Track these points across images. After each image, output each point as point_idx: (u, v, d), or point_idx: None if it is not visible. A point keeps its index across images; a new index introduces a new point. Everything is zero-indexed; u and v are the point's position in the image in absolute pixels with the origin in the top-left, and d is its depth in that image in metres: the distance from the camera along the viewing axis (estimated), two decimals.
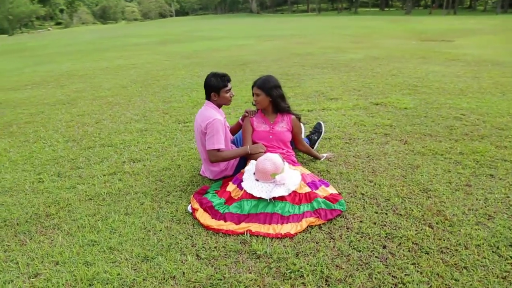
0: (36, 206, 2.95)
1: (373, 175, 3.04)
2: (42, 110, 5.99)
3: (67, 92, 7.36)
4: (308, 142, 3.55)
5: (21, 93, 7.55)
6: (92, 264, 2.21)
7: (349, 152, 3.53)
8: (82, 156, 3.92)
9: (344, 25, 24.12)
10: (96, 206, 2.88)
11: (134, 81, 8.07)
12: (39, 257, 2.32)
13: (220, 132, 2.86)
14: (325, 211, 2.45)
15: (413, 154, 3.41)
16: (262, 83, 2.95)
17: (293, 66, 8.71)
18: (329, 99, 5.51)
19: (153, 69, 9.74)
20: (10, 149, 4.25)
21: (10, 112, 6.01)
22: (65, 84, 8.33)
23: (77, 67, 10.93)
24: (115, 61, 11.92)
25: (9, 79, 9.47)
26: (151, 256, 2.23)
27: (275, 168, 2.56)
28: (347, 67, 8.18)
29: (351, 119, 4.50)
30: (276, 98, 2.96)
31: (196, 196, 2.79)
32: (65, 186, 3.25)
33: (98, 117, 5.37)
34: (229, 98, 2.99)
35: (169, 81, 7.81)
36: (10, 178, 3.48)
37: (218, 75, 2.92)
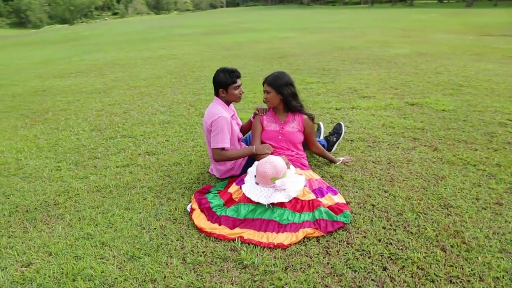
0: (47, 194, 3.02)
1: (390, 184, 2.77)
2: (78, 98, 6.23)
3: (105, 81, 7.61)
4: (325, 143, 3.33)
5: (65, 81, 7.94)
6: (81, 258, 2.20)
7: (369, 157, 3.26)
8: (102, 146, 3.99)
9: (396, 18, 22.88)
10: (101, 198, 2.89)
11: (170, 72, 8.17)
12: (36, 246, 2.36)
13: (225, 130, 2.74)
14: (325, 223, 2.26)
15: (440, 163, 3.07)
16: (273, 80, 2.78)
17: (332, 60, 8.36)
18: (362, 97, 5.18)
19: (192, 60, 9.81)
20: (40, 136, 4.44)
21: (50, 99, 6.32)
22: (106, 73, 8.64)
23: (121, 56, 11.32)
24: (158, 51, 12.19)
25: (57, 67, 10.02)
26: (138, 255, 2.18)
27: (276, 172, 2.39)
28: (389, 62, 7.69)
29: (380, 120, 4.18)
30: (287, 96, 2.78)
31: (197, 195, 2.71)
32: (79, 176, 3.31)
33: (127, 107, 5.47)
34: (238, 95, 2.85)
35: (204, 73, 7.81)
36: (33, 165, 3.62)
37: (227, 71, 2.79)
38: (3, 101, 6.40)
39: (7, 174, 3.47)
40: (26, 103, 6.16)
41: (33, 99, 6.38)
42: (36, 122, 5.01)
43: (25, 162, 3.70)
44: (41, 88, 7.26)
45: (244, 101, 5.27)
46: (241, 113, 4.60)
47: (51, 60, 11.64)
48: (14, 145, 4.18)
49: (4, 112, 5.65)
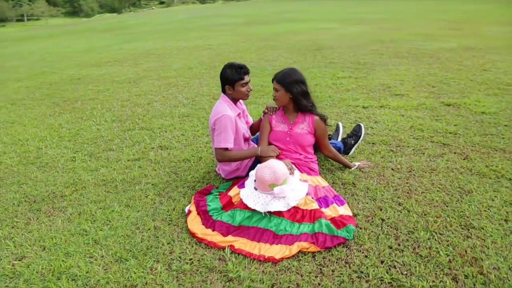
0: (57, 185, 3.06)
1: (407, 196, 2.50)
2: (109, 88, 6.36)
3: (138, 71, 7.72)
4: (341, 146, 3.09)
5: (100, 69, 8.15)
6: (71, 255, 2.18)
7: (389, 163, 2.98)
8: (119, 138, 4.00)
9: (446, 9, 21.34)
10: (105, 193, 2.88)
11: (202, 63, 8.13)
12: (33, 239, 2.37)
13: (228, 129, 2.60)
14: (324, 237, 2.06)
15: (469, 174, 2.73)
16: (282, 77, 2.59)
17: (369, 54, 7.91)
18: (393, 94, 4.81)
19: (226, 50, 9.72)
20: (65, 125, 4.55)
21: (82, 88, 6.50)
22: (140, 62, 8.77)
23: (158, 46, 11.48)
24: (194, 41, 12.23)
25: (96, 55, 10.34)
26: (126, 257, 2.12)
27: (275, 179, 2.22)
28: (431, 57, 7.13)
29: (409, 121, 3.84)
30: (297, 95, 2.57)
31: (197, 196, 2.60)
32: (90, 168, 3.33)
33: (151, 98, 5.49)
34: (246, 92, 2.69)
35: None
36: (51, 154, 3.70)
37: (234, 67, 2.63)
38: (40, 88, 6.67)
39: (26, 162, 3.57)
40: (60, 91, 6.38)
41: (67, 88, 6.60)
42: (64, 111, 5.15)
43: (45, 151, 3.79)
44: (77, 77, 7.50)
45: (268, 96, 5.09)
46: (260, 110, 4.43)
47: (93, 48, 12.06)
48: (39, 133, 4.31)
49: (38, 100, 5.88)
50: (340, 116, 4.12)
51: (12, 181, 3.21)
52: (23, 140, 4.12)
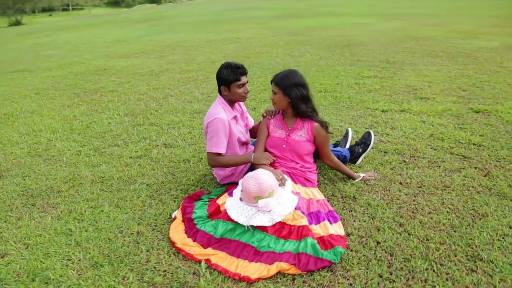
0: (56, 180, 3.07)
1: (411, 216, 2.26)
2: (130, 80, 6.40)
3: (162, 63, 7.74)
4: (348, 154, 2.87)
5: (125, 61, 8.26)
6: (50, 256, 2.15)
7: (398, 176, 2.73)
8: (127, 133, 3.98)
9: (495, 4, 19.89)
10: (99, 192, 2.84)
11: (226, 57, 8.02)
12: (19, 236, 2.37)
13: (220, 133, 2.46)
14: (308, 259, 1.89)
15: (488, 195, 2.44)
16: (280, 79, 2.40)
17: (401, 52, 7.47)
18: (418, 98, 4.47)
19: (253, 45, 9.56)
20: (79, 117, 4.60)
21: (105, 79, 6.59)
22: (166, 54, 8.80)
23: (187, 38, 11.50)
24: (224, 33, 12.14)
25: (125, 46, 10.51)
26: (102, 263, 2.06)
27: (259, 191, 2.06)
28: (468, 57, 6.62)
29: (429, 128, 3.53)
30: (295, 99, 2.38)
31: (185, 201, 2.50)
32: (92, 163, 3.32)
33: (168, 93, 5.45)
34: (242, 94, 2.53)
35: (259, 59, 7.52)
36: (59, 147, 3.73)
37: (231, 66, 2.48)
38: (65, 78, 6.84)
39: (34, 154, 3.62)
40: (83, 82, 6.50)
41: (91, 78, 6.71)
42: (82, 102, 5.22)
43: (54, 143, 3.83)
44: (102, 67, 7.63)
45: None
46: None
47: (124, 39, 12.28)
48: (53, 124, 4.38)
49: (61, 90, 6.01)
50: (355, 120, 3.86)
51: (17, 172, 3.26)
52: (37, 131, 4.19)
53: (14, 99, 5.62)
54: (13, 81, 6.99)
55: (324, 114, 4.08)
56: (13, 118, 4.73)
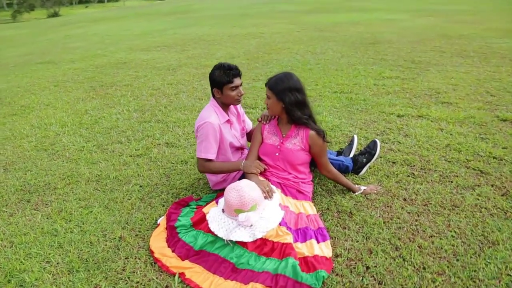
0: (55, 176, 3.07)
1: (410, 239, 2.06)
2: (146, 74, 6.40)
3: (181, 58, 7.71)
4: (350, 165, 2.68)
5: (147, 54, 8.30)
6: (31, 257, 2.13)
7: (403, 191, 2.51)
8: (132, 129, 3.95)
9: None
10: (93, 191, 2.81)
11: (247, 52, 7.88)
12: (7, 233, 2.37)
13: (210, 138, 2.34)
14: (286, 282, 1.74)
15: (502, 218, 2.19)
16: (274, 83, 2.25)
17: (429, 51, 7.05)
18: (440, 102, 4.16)
19: (276, 40, 9.36)
20: (90, 111, 4.63)
21: (123, 73, 6.63)
22: (187, 49, 8.78)
23: (211, 32, 11.44)
24: (248, 28, 11.99)
25: (149, 39, 10.59)
26: (78, 268, 2.01)
27: (241, 204, 1.93)
28: (502, 58, 6.14)
29: (447, 138, 3.26)
30: (289, 104, 2.22)
31: (172, 207, 2.41)
32: (92, 160, 3.30)
33: (180, 89, 5.39)
34: (236, 97, 2.40)
35: (279, 56, 7.33)
36: (64, 142, 3.76)
37: (224, 68, 2.35)
38: (85, 71, 6.94)
39: (40, 148, 3.65)
40: (102, 75, 6.57)
41: (110, 71, 6.78)
42: (96, 96, 5.26)
43: (61, 138, 3.86)
44: (123, 61, 7.70)
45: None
46: None
47: (149, 32, 12.39)
48: (64, 118, 4.42)
49: (79, 83, 6.10)
50: (367, 125, 3.64)
51: (21, 166, 3.29)
52: (47, 124, 4.24)
53: (34, 91, 5.75)
54: (37, 72, 7.18)
55: (334, 117, 3.87)
56: (29, 110, 4.83)
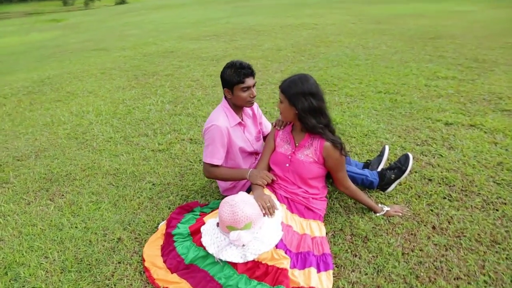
0: (77, 166, 3.12)
1: (430, 279, 1.75)
2: (189, 64, 6.40)
3: (228, 48, 7.62)
4: (375, 180, 2.38)
5: (195, 43, 8.32)
6: (32, 251, 2.16)
7: (434, 217, 2.17)
8: (161, 122, 3.92)
9: None
10: (107, 185, 2.81)
11: (295, 45, 7.58)
12: (19, 222, 2.44)
13: (216, 142, 2.18)
14: None
15: None
16: (287, 86, 2.01)
17: (497, 48, 6.22)
18: (499, 110, 3.60)
19: (328, 32, 8.91)
20: (127, 101, 4.70)
21: (167, 62, 6.69)
22: (236, 39, 8.66)
23: (263, 22, 11.22)
24: (303, 18, 11.58)
25: (201, 28, 10.63)
26: (70, 268, 2.00)
27: (233, 221, 1.76)
28: None
29: (500, 154, 2.79)
30: (302, 111, 1.97)
31: (176, 211, 2.31)
32: (115, 152, 3.32)
33: (219, 81, 5.27)
34: (248, 98, 2.19)
35: (327, 49, 6.94)
36: (95, 131, 3.83)
37: (235, 66, 2.15)
38: (133, 59, 7.12)
39: (72, 136, 3.76)
40: (147, 64, 6.68)
41: (156, 60, 6.88)
42: (137, 85, 5.34)
43: (93, 127, 3.94)
44: (171, 49, 7.78)
45: (341, 92, 4.39)
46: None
47: (203, 20, 12.46)
48: (101, 107, 4.53)
49: (124, 71, 6.26)
50: (408, 132, 3.25)
51: (50, 153, 3.40)
52: (85, 112, 4.37)
53: (81, 78, 6.00)
54: (89, 59, 7.51)
55: (372, 121, 3.52)
56: (72, 97, 5.03)
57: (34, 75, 6.38)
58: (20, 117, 4.39)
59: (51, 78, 6.08)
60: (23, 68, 7.13)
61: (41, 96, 5.15)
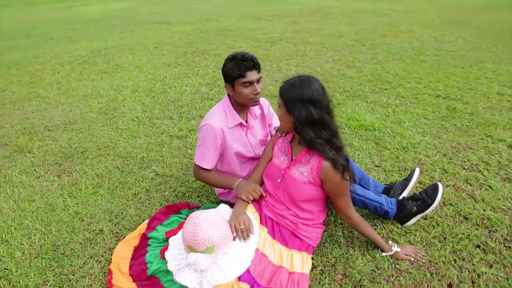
0: (95, 143, 3.14)
1: None
2: (241, 45, 6.20)
3: (287, 30, 7.23)
4: (391, 210, 1.99)
5: (255, 23, 8.04)
6: (21, 228, 2.21)
7: (452, 271, 1.74)
8: (190, 106, 3.81)
9: None
10: (114, 169, 2.79)
11: (358, 32, 6.94)
12: (22, 195, 2.51)
13: (207, 144, 1.95)
14: None
15: None
16: (285, 89, 1.68)
17: None
18: None
19: (401, 20, 8.04)
20: (166, 79, 4.65)
21: (221, 41, 6.53)
22: (299, 21, 8.21)
23: (334, 4, 10.53)
24: (379, 3, 10.64)
25: (265, 7, 10.27)
26: (44, 255, 1.99)
27: (193, 242, 1.54)
28: None
29: None
30: (299, 121, 1.64)
31: (162, 211, 2.18)
32: (135, 134, 3.28)
33: (264, 66, 5.00)
34: (250, 95, 1.90)
35: (394, 40, 6.22)
36: (126, 108, 3.84)
37: (236, 58, 1.88)
38: (189, 35, 7.06)
39: (103, 111, 3.80)
40: (201, 40, 6.59)
41: (210, 38, 6.76)
42: (182, 63, 5.27)
43: (125, 103, 3.95)
44: (229, 28, 7.61)
45: (388, 94, 3.87)
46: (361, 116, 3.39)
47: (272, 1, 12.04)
48: (141, 83, 4.54)
49: (176, 47, 6.22)
50: (456, 152, 2.71)
51: (77, 127, 3.47)
52: (123, 87, 4.40)
53: (134, 51, 6.10)
54: (148, 32, 7.64)
55: (417, 131, 3.01)
56: (119, 70, 5.12)
57: (94, 45, 6.65)
58: (65, 86, 4.57)
59: (107, 49, 6.28)
60: (88, 37, 7.48)
61: (92, 67, 5.33)
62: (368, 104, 3.62)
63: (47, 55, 6.13)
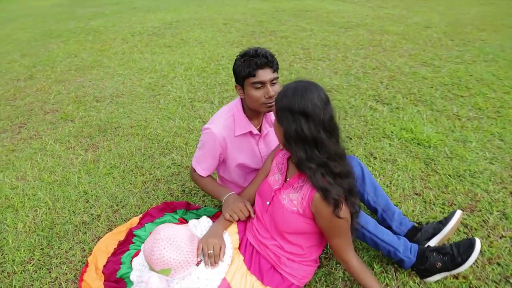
0: (130, 121, 3.17)
1: None
2: (313, 28, 5.74)
3: (369, 16, 6.56)
4: (408, 260, 1.61)
5: (336, 5, 7.45)
6: (31, 200, 2.30)
7: None
8: (236, 92, 3.62)
9: None
10: (136, 151, 2.76)
11: (451, 23, 6.00)
12: (48, 165, 2.61)
13: (205, 150, 1.76)
14: None
15: None
16: (279, 97, 1.37)
17: None
18: None
19: (507, 12, 6.80)
20: (222, 60, 4.51)
21: (293, 22, 6.15)
22: (386, 6, 7.41)
23: None
24: None
25: None
26: (40, 232, 2.04)
27: (149, 259, 1.39)
28: None
29: None
30: (287, 136, 1.33)
31: (159, 207, 2.06)
32: (170, 115, 3.24)
33: (328, 55, 4.59)
34: (262, 99, 1.61)
35: (492, 35, 5.21)
36: (172, 86, 3.81)
37: (248, 54, 1.61)
38: (263, 14, 6.78)
39: (150, 87, 3.82)
40: (274, 20, 6.28)
41: (283, 18, 6.42)
42: (246, 43, 5.08)
43: (173, 81, 3.93)
44: (306, 8, 7.17)
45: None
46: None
47: None
48: (196, 61, 4.47)
49: (246, 25, 6.02)
50: (507, 184, 2.13)
51: (121, 100, 3.54)
52: (179, 64, 4.39)
53: (203, 26, 6.06)
54: (223, 7, 7.54)
55: (484, 156, 2.44)
56: (182, 45, 5.12)
57: (168, 17, 6.77)
58: (127, 57, 4.71)
59: (179, 22, 6.35)
60: (166, 8, 7.66)
61: (158, 39, 5.42)
62: (433, 112, 3.06)
63: (124, 24, 6.41)
